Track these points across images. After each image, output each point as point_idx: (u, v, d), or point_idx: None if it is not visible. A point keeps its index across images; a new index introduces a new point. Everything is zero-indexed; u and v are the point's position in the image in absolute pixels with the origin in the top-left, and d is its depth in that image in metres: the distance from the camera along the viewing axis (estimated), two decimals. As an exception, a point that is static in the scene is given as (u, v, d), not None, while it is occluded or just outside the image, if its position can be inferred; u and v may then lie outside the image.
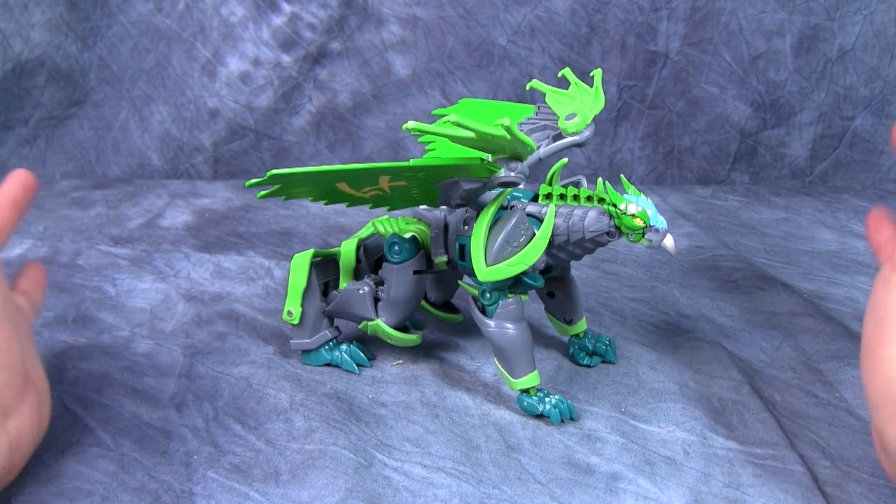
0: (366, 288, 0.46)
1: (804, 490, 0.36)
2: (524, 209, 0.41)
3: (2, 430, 0.33)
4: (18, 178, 0.39)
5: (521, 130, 0.45)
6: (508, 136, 0.36)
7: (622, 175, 0.42)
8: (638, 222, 0.39)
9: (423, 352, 0.49)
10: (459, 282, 0.50)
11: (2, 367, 0.34)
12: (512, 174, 0.39)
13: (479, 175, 0.39)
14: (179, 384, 0.45)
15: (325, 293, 0.48)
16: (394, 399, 0.44)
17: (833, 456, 0.39)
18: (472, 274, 0.42)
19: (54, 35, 0.89)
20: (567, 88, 0.46)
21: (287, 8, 0.89)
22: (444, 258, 0.45)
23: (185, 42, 0.91)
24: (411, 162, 0.37)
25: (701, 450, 0.39)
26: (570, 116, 0.44)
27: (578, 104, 0.44)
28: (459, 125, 0.35)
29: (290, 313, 0.47)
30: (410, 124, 0.35)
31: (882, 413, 0.31)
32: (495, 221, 0.41)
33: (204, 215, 0.78)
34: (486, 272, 0.40)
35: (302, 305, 0.47)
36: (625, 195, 0.40)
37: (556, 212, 0.41)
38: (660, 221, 0.39)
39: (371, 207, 0.43)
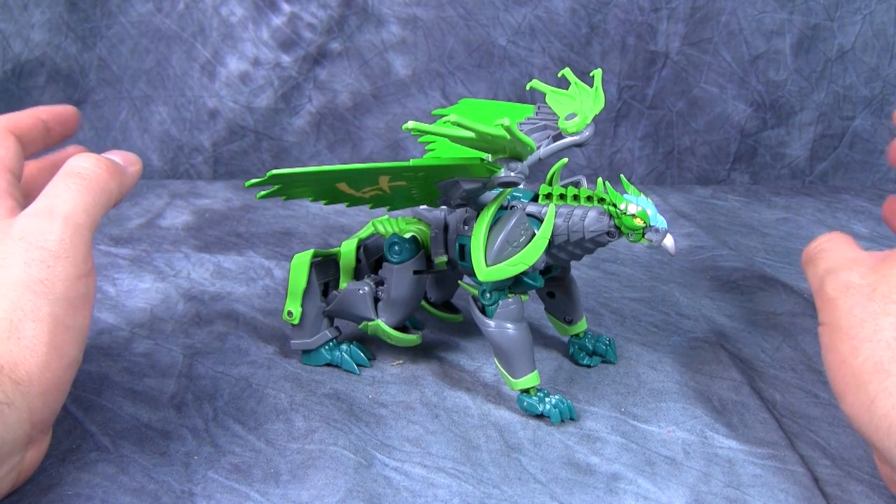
0: (366, 288, 0.46)
1: (804, 490, 0.36)
2: (524, 209, 0.41)
3: (20, 458, 0.32)
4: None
5: (521, 130, 0.45)
6: (508, 136, 0.36)
7: (622, 175, 0.42)
8: (638, 222, 0.39)
9: (423, 352, 0.49)
10: (459, 282, 0.50)
11: (58, 389, 0.32)
12: (512, 174, 0.39)
13: (479, 175, 0.39)
14: (179, 384, 0.45)
15: (325, 293, 0.48)
16: (394, 399, 0.44)
17: (833, 456, 0.39)
18: (472, 274, 0.42)
19: (54, 35, 0.89)
20: (567, 88, 0.46)
21: (287, 8, 0.89)
22: (444, 258, 0.45)
23: (185, 42, 0.91)
24: (411, 162, 0.37)
25: (701, 450, 0.39)
26: (570, 116, 0.44)
27: (578, 104, 0.44)
28: (459, 125, 0.35)
29: (290, 313, 0.47)
30: (410, 124, 0.35)
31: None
32: (495, 221, 0.41)
33: (204, 215, 0.78)
34: (486, 272, 0.40)
35: (302, 305, 0.47)
36: (625, 195, 0.40)
37: (556, 212, 0.41)
38: (660, 221, 0.39)
39: (371, 207, 0.43)
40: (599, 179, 0.41)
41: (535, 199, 0.43)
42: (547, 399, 0.41)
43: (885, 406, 0.30)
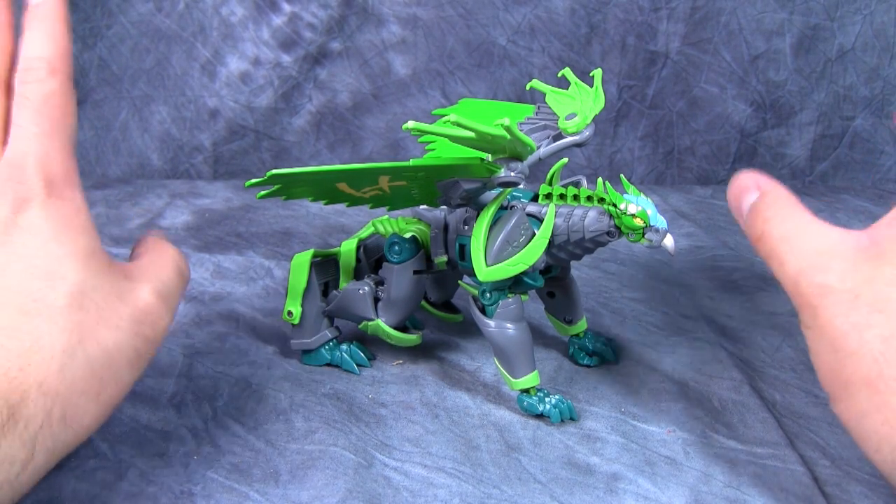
0: (366, 288, 0.46)
1: (804, 490, 0.36)
2: (524, 209, 0.41)
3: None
4: None
5: (521, 130, 0.45)
6: (508, 136, 0.36)
7: (622, 175, 0.42)
8: (638, 222, 0.39)
9: (423, 352, 0.49)
10: (459, 282, 0.50)
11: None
12: (512, 174, 0.39)
13: (479, 175, 0.39)
14: (179, 384, 0.45)
15: (325, 293, 0.48)
16: (394, 399, 0.44)
17: (833, 456, 0.39)
18: (472, 274, 0.42)
19: (54, 35, 0.89)
20: (567, 88, 0.46)
21: (287, 8, 0.89)
22: (444, 258, 0.45)
23: (185, 42, 0.91)
24: (411, 162, 0.37)
25: (701, 450, 0.39)
26: (571, 116, 0.44)
27: (578, 104, 0.44)
28: (459, 125, 0.35)
29: (290, 313, 0.47)
30: (410, 124, 0.35)
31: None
32: (495, 221, 0.41)
33: (204, 215, 0.78)
34: (486, 272, 0.40)
35: (302, 305, 0.47)
36: (625, 195, 0.40)
37: (556, 212, 0.41)
38: (660, 221, 0.39)
39: (371, 207, 0.43)
40: (599, 179, 0.41)
41: (535, 199, 0.43)
42: (547, 399, 0.41)
43: (874, 422, 0.29)
